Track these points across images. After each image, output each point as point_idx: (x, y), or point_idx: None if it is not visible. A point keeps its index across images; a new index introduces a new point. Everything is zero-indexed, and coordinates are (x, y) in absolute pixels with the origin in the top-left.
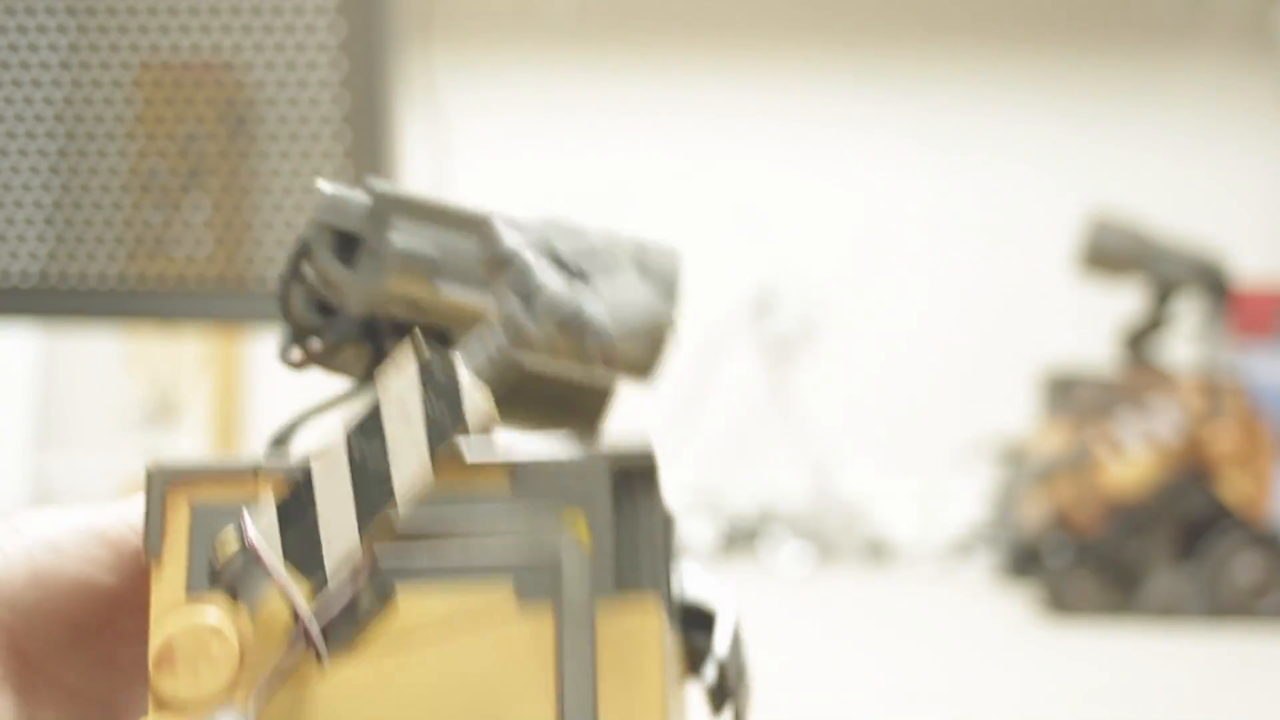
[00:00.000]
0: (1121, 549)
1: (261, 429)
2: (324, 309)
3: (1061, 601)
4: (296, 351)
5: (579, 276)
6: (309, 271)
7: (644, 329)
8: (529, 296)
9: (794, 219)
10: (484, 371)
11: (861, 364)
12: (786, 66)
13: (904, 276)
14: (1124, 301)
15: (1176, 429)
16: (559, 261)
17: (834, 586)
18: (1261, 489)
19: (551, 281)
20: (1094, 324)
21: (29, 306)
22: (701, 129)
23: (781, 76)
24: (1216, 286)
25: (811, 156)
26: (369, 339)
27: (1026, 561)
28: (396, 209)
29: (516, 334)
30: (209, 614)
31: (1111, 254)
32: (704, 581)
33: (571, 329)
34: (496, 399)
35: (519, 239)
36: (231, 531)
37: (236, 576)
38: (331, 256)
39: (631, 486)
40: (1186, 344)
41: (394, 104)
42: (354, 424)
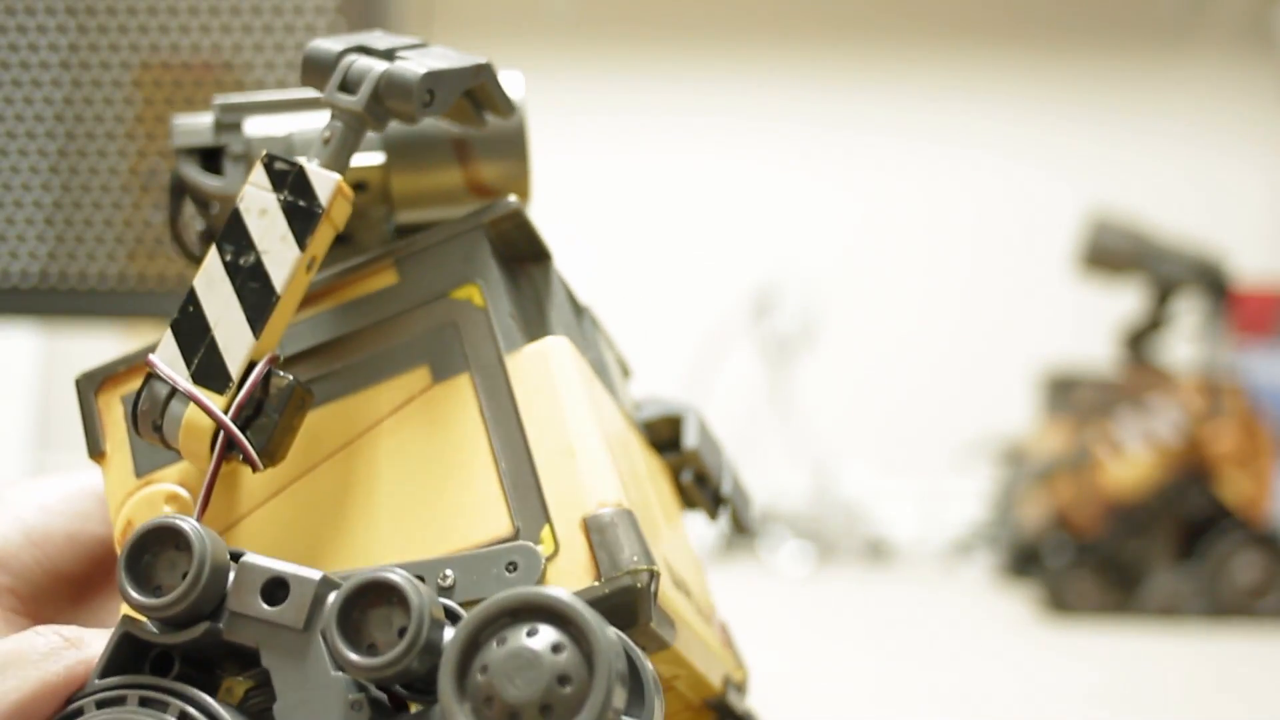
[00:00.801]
0: (1121, 549)
1: None
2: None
3: (1061, 601)
4: None
5: (391, 59)
6: (193, 208)
7: (457, 74)
8: (348, 84)
9: (794, 219)
10: (324, 156)
11: (862, 364)
12: (786, 66)
13: (904, 276)
14: (1124, 301)
15: (1176, 429)
16: (370, 52)
17: (834, 586)
18: (1261, 489)
19: (362, 61)
20: (1094, 324)
21: (29, 306)
22: (701, 128)
23: (782, 76)
24: (1216, 286)
25: (811, 156)
26: None
27: (1026, 561)
28: (242, 110)
29: (341, 114)
30: (159, 485)
31: (1111, 254)
32: (663, 401)
33: (383, 86)
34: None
35: (334, 43)
36: (144, 378)
37: (156, 412)
38: (200, 170)
39: (522, 258)
40: (1186, 344)
41: None
42: (220, 236)
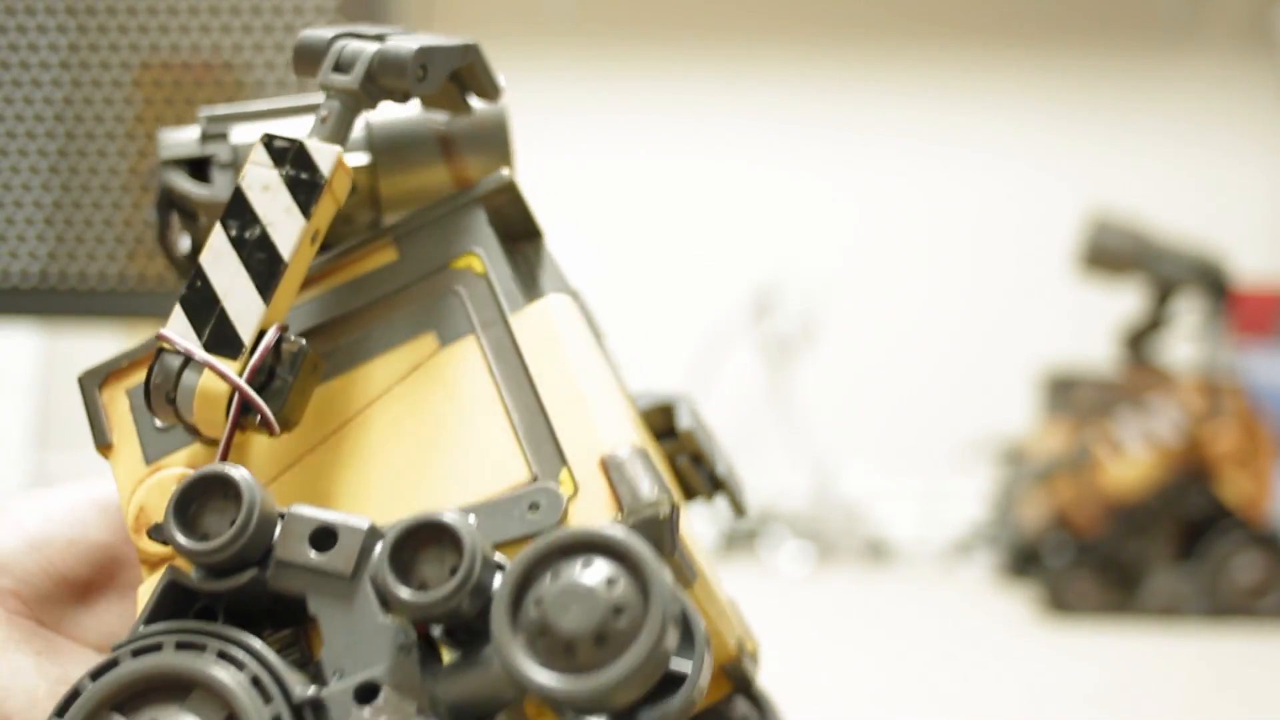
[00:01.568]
0: (1121, 549)
1: None
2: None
3: (1061, 601)
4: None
5: (381, 40)
6: (181, 222)
7: (448, 52)
8: (341, 65)
9: (794, 219)
10: (322, 133)
11: (862, 364)
12: (787, 66)
13: (904, 276)
14: (1124, 301)
15: (1176, 429)
16: (362, 36)
17: (834, 586)
18: (1261, 489)
19: (353, 43)
20: (1094, 324)
21: (29, 306)
22: (702, 128)
23: (782, 76)
24: (1216, 286)
25: (812, 156)
26: None
27: (1026, 561)
28: (228, 120)
29: (336, 93)
30: (169, 470)
31: (1111, 254)
32: (655, 392)
33: (377, 64)
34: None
35: (325, 31)
36: (155, 353)
37: (169, 384)
38: (188, 180)
39: (515, 237)
40: (1186, 344)
41: None
42: (224, 213)
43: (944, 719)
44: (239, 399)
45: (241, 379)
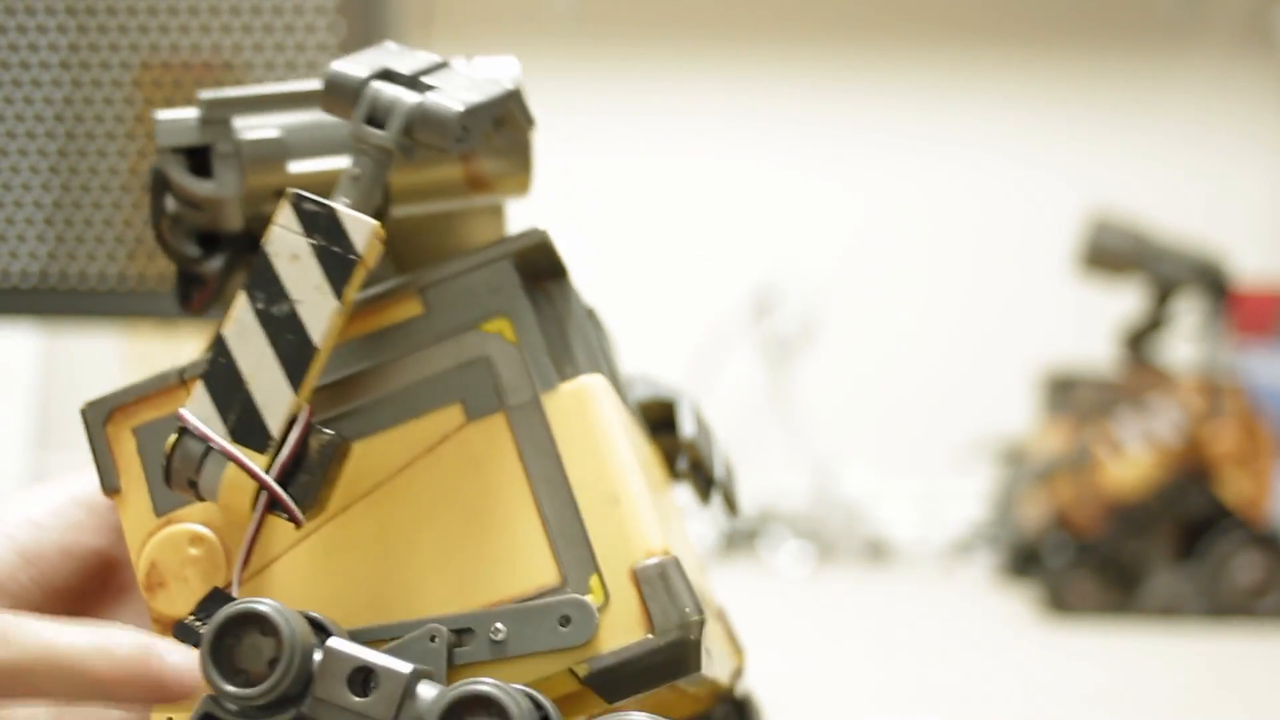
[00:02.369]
0: (1121, 549)
1: None
2: (207, 241)
3: (1061, 601)
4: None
5: (419, 88)
6: (177, 206)
7: (490, 106)
8: (376, 116)
9: (794, 219)
10: (354, 195)
11: (861, 364)
12: (787, 66)
13: (904, 276)
14: (1124, 301)
15: (1176, 429)
16: (395, 78)
17: (834, 586)
18: (1261, 489)
19: (389, 90)
20: (1094, 324)
21: (29, 306)
22: (702, 128)
23: (782, 76)
24: (1216, 286)
25: (811, 156)
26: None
27: (1026, 561)
28: (231, 108)
29: (370, 149)
30: (182, 524)
31: (1111, 254)
32: (653, 382)
33: (417, 122)
34: (393, 246)
35: (356, 67)
36: (176, 433)
37: (191, 469)
38: (186, 173)
39: (540, 277)
40: (1186, 344)
41: None
42: (248, 281)
43: (944, 719)
44: (266, 496)
45: (270, 476)
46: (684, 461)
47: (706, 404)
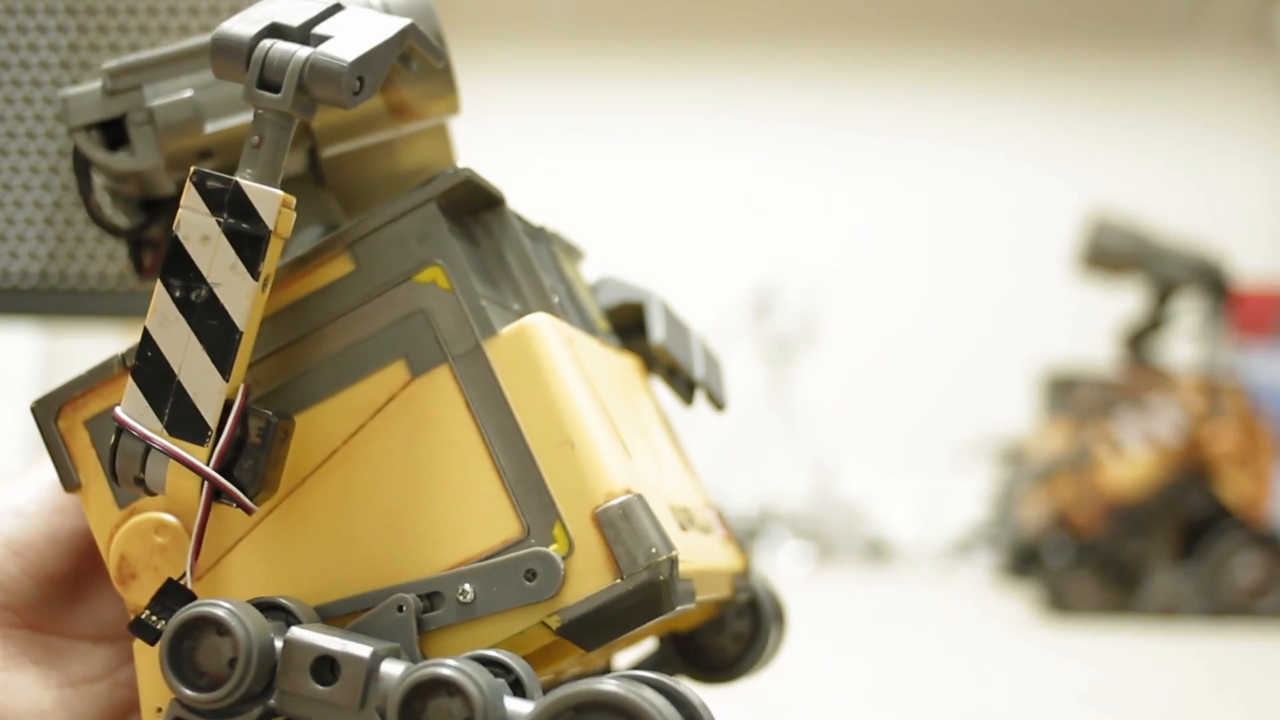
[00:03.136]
0: (1121, 549)
1: None
2: (150, 205)
3: (1061, 601)
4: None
5: (311, 40)
6: (106, 181)
7: (385, 50)
8: (268, 77)
9: (794, 219)
10: (258, 165)
11: (862, 364)
12: (787, 67)
13: (904, 276)
14: (1124, 301)
15: (1176, 429)
16: (285, 33)
17: (834, 586)
18: (1261, 489)
19: (279, 49)
20: (1094, 324)
21: (29, 306)
22: (702, 129)
23: (782, 77)
24: (1216, 286)
25: (811, 156)
26: None
27: (1026, 561)
28: (139, 74)
29: (268, 114)
30: (146, 514)
31: (1111, 254)
32: (622, 285)
33: (308, 80)
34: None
35: (245, 25)
36: (114, 433)
37: (135, 467)
38: (101, 149)
39: (475, 210)
40: (1186, 344)
41: None
42: (163, 269)
43: (944, 719)
44: (210, 486)
45: (210, 466)
46: (660, 367)
47: (706, 405)
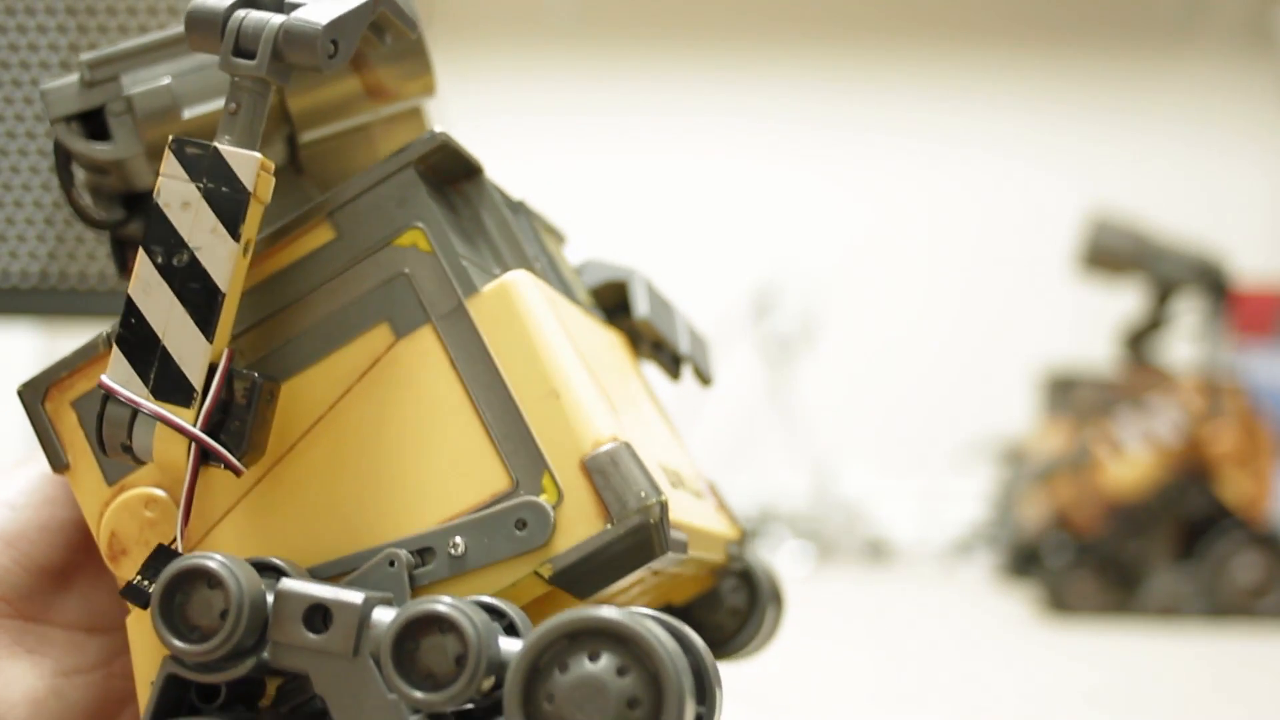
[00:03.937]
0: (1121, 549)
1: None
2: (131, 202)
3: (1061, 601)
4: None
5: (284, 8)
6: (88, 175)
7: (358, 15)
8: (244, 45)
9: (794, 218)
10: (235, 131)
11: (862, 364)
12: (788, 67)
13: (904, 276)
14: (1124, 301)
15: (1176, 429)
16: (259, 2)
17: (834, 586)
18: (1261, 489)
19: (253, 17)
20: (1094, 324)
21: (29, 306)
22: (702, 128)
23: (782, 77)
24: (1216, 286)
25: (811, 156)
26: None
27: (1026, 561)
28: (116, 64)
29: (244, 81)
30: (134, 489)
31: (1111, 254)
32: (605, 265)
33: (283, 45)
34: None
35: (214, 6)
36: (101, 401)
37: (122, 433)
38: (84, 140)
39: (454, 179)
40: (1186, 344)
41: None
42: (145, 237)
43: (944, 719)
44: (197, 448)
45: (197, 428)
46: (645, 344)
47: (707, 404)
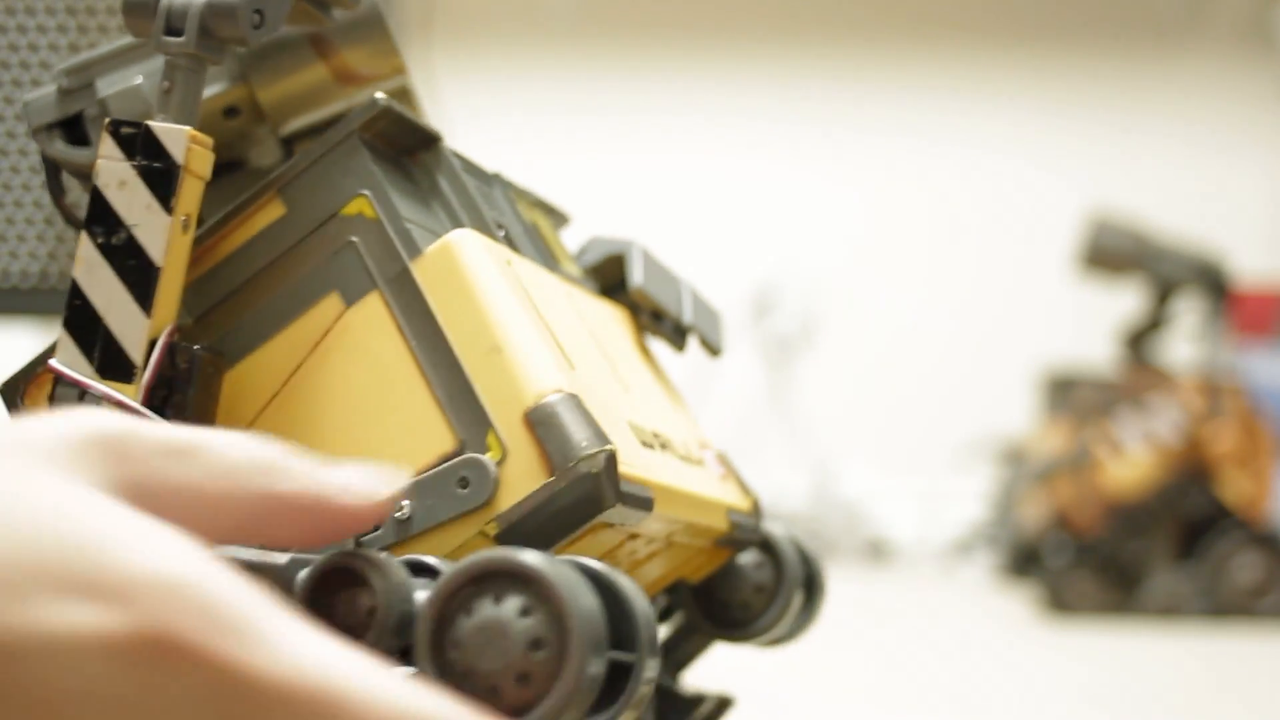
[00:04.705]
0: (1121, 549)
1: None
2: None
3: (1061, 601)
4: None
5: None
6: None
7: None
8: (174, 24)
9: (794, 219)
10: (168, 108)
11: (862, 364)
12: (787, 66)
13: (904, 276)
14: (1124, 301)
15: (1176, 429)
16: None
17: (834, 586)
18: (1261, 489)
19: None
20: (1094, 324)
21: (29, 306)
22: (701, 128)
23: (782, 76)
24: (1216, 286)
25: (811, 156)
26: None
27: (1026, 561)
28: (92, 70)
29: (176, 59)
30: None
31: (1111, 254)
32: (605, 241)
33: (209, 19)
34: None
35: None
36: (51, 385)
37: None
38: (66, 146)
39: (411, 150)
40: (1186, 344)
41: None
42: (86, 218)
43: (944, 719)
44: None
45: (138, 402)
46: (644, 314)
47: (706, 404)
